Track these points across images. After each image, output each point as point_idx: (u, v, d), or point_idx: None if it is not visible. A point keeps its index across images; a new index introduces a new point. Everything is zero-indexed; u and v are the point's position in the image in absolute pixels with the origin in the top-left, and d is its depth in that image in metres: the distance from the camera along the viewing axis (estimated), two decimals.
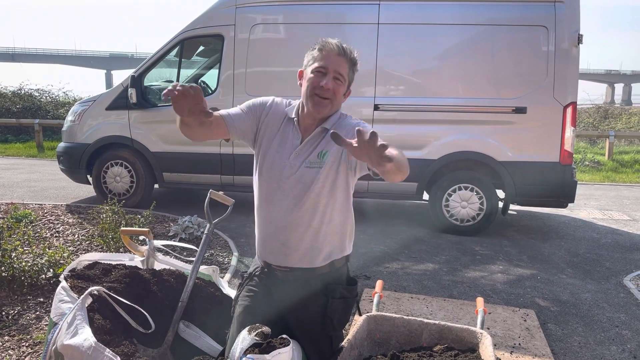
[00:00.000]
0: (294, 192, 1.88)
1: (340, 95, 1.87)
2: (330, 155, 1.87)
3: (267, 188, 1.93)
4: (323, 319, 1.94)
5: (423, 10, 5.62)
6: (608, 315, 3.75)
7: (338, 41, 1.86)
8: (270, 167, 1.91)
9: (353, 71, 1.90)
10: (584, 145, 14.09)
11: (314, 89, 1.82)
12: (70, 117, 6.61)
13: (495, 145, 5.56)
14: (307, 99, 1.85)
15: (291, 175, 1.88)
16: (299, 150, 1.90)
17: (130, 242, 2.70)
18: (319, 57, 1.84)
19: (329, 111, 1.87)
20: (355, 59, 1.89)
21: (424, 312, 3.56)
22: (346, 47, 1.85)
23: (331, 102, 1.84)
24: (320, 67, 1.83)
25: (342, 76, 1.84)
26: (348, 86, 1.91)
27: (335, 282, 1.98)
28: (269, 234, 1.96)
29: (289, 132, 1.93)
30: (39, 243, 4.57)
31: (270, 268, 1.99)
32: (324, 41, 1.86)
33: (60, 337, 1.85)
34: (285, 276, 1.97)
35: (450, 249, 5.20)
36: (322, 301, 1.95)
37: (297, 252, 1.92)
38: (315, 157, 1.88)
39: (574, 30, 5.35)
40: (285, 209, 1.90)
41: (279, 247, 1.94)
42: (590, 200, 7.94)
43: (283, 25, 5.97)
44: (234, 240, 5.13)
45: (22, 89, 15.96)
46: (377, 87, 5.69)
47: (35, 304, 3.39)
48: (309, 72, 1.85)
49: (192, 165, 6.21)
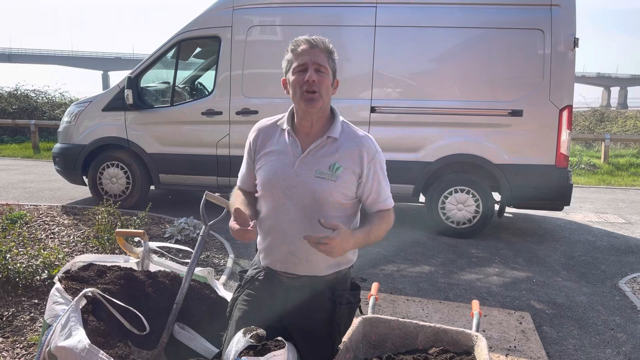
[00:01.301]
0: (305, 202, 1.86)
1: (328, 86, 1.85)
2: (345, 171, 1.86)
3: (272, 199, 1.91)
4: (329, 325, 1.94)
5: (420, 12, 5.63)
6: (603, 318, 3.76)
7: (307, 36, 1.85)
8: (273, 178, 1.89)
9: (332, 59, 1.87)
10: (580, 148, 14.15)
11: (301, 87, 1.81)
12: (67, 118, 6.60)
13: (491, 147, 5.57)
14: (298, 100, 1.84)
15: (299, 184, 1.86)
16: (304, 158, 1.87)
17: (125, 243, 2.69)
18: (294, 57, 1.84)
19: (322, 104, 1.84)
20: (330, 48, 1.86)
21: (420, 315, 3.56)
22: (317, 39, 1.83)
23: (320, 95, 1.82)
24: (298, 65, 1.82)
25: (322, 67, 1.82)
26: (334, 76, 1.88)
27: (341, 288, 1.98)
28: (276, 243, 1.94)
29: (286, 142, 1.92)
30: (34, 244, 4.56)
31: (276, 274, 1.97)
32: (293, 41, 1.86)
33: (54, 338, 1.84)
34: (292, 282, 1.95)
35: (446, 252, 5.21)
36: (329, 307, 1.94)
37: (307, 262, 1.90)
38: (327, 169, 1.86)
39: (570, 33, 5.37)
40: (295, 219, 1.88)
41: (287, 256, 1.92)
42: (585, 203, 7.96)
43: (280, 27, 5.97)
44: (230, 242, 5.12)
45: (18, 89, 15.92)
46: (373, 90, 5.69)
47: (29, 306, 3.37)
48: (290, 75, 1.85)
49: (188, 167, 6.20)
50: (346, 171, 1.86)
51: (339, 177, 1.85)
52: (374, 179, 1.90)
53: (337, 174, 1.85)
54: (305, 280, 1.94)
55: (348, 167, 1.86)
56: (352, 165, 1.87)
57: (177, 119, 6.17)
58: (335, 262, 1.94)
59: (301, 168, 1.87)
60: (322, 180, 1.85)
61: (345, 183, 1.86)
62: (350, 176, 1.87)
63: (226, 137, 5.98)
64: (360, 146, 1.89)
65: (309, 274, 1.93)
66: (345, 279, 2.02)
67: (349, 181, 1.87)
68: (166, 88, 6.75)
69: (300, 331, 1.94)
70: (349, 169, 1.87)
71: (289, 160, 1.89)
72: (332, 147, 1.88)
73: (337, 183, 1.85)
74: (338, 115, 1.94)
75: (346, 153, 1.87)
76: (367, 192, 1.91)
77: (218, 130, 6.03)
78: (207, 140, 6.06)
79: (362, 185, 1.90)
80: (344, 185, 1.86)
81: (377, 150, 1.93)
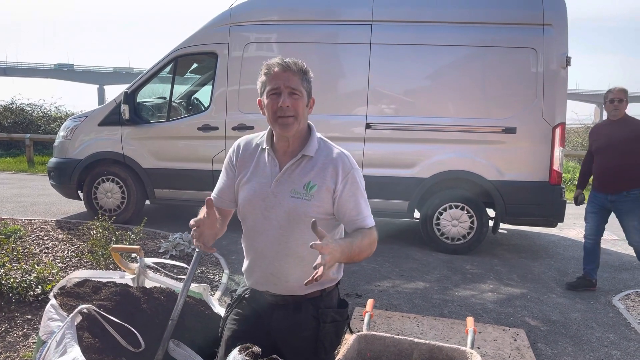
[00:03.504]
0: (281, 223, 1.85)
1: (303, 108, 1.84)
2: (319, 190, 1.85)
3: (252, 219, 1.92)
4: (315, 343, 1.93)
5: (415, 31, 5.70)
6: (597, 335, 3.77)
7: (279, 59, 1.83)
8: (252, 198, 1.89)
9: (307, 80, 1.85)
10: (573, 165, 14.24)
11: (275, 112, 1.80)
12: (62, 132, 6.60)
13: (485, 164, 5.61)
14: (273, 124, 1.84)
15: (276, 204, 1.86)
16: (280, 177, 1.87)
17: (121, 259, 2.68)
18: (267, 80, 1.82)
19: (297, 127, 1.84)
20: (304, 68, 1.84)
21: (415, 331, 3.56)
22: (289, 61, 1.81)
23: (295, 119, 1.81)
24: (271, 89, 1.81)
25: (296, 90, 1.81)
26: (308, 96, 1.87)
27: (326, 306, 1.96)
28: (257, 263, 1.94)
29: (265, 161, 1.91)
30: (27, 259, 4.53)
31: (260, 293, 1.97)
32: (266, 64, 1.83)
33: (49, 355, 1.83)
34: (275, 301, 1.95)
35: (440, 268, 5.22)
36: (313, 325, 1.93)
37: (287, 283, 1.90)
38: (302, 188, 1.85)
39: (562, 52, 5.46)
40: (272, 240, 1.88)
41: (268, 276, 1.92)
42: (579, 220, 7.99)
43: (276, 44, 6.03)
44: (224, 258, 5.11)
45: (13, 103, 15.90)
46: (369, 106, 5.74)
47: (22, 321, 3.35)
48: (264, 98, 1.84)
49: (183, 182, 6.20)
50: (320, 189, 1.85)
51: (313, 197, 1.84)
52: (349, 196, 1.87)
53: (312, 192, 1.84)
54: (288, 299, 1.93)
55: (323, 184, 1.85)
56: (327, 182, 1.85)
57: (174, 134, 6.20)
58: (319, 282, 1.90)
59: (278, 188, 1.87)
60: (296, 199, 1.84)
61: (320, 201, 1.85)
62: (325, 194, 1.85)
63: (222, 152, 6.00)
64: (336, 163, 1.87)
65: (291, 294, 1.93)
66: (331, 297, 2.00)
67: (324, 199, 1.86)
68: (162, 103, 6.78)
69: (290, 350, 1.94)
70: (323, 187, 1.85)
71: (266, 180, 1.89)
72: (307, 166, 1.88)
73: (312, 202, 1.84)
74: (314, 132, 1.93)
75: (321, 171, 1.86)
76: (342, 210, 1.87)
77: (214, 146, 6.05)
78: (203, 155, 6.08)
79: (337, 202, 1.86)
80: (319, 204, 1.85)
81: (353, 167, 1.89)
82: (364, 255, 1.84)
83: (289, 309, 1.94)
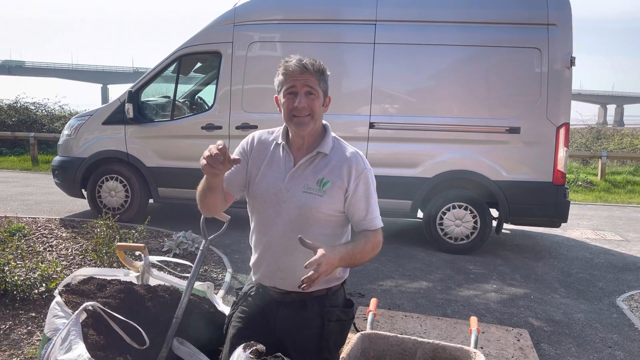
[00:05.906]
0: (292, 217, 1.87)
1: (319, 107, 1.86)
2: (332, 186, 1.87)
3: (263, 213, 1.93)
4: (319, 341, 1.93)
5: (418, 30, 5.70)
6: (601, 336, 3.76)
7: (298, 58, 1.84)
8: (265, 192, 1.91)
9: (324, 80, 1.87)
10: (577, 166, 14.20)
11: (291, 111, 1.83)
12: (67, 131, 6.62)
13: (489, 164, 5.61)
14: (289, 122, 1.87)
15: (288, 199, 1.87)
16: (293, 172, 1.89)
17: (125, 257, 2.69)
18: (285, 80, 1.84)
19: (313, 126, 1.86)
20: (322, 68, 1.86)
21: (418, 331, 3.56)
22: (307, 62, 1.83)
23: (311, 118, 1.84)
24: (288, 88, 1.83)
25: (313, 90, 1.83)
26: (325, 96, 1.89)
27: (331, 305, 1.97)
28: (265, 258, 1.95)
29: (279, 156, 1.93)
30: (32, 257, 4.55)
31: (266, 289, 1.98)
32: (284, 63, 1.85)
33: (54, 352, 1.84)
34: (281, 298, 1.96)
35: (444, 268, 5.21)
36: (318, 323, 1.94)
37: (293, 278, 1.89)
38: (315, 184, 1.87)
39: (567, 52, 5.44)
40: (282, 234, 1.89)
41: (275, 271, 1.93)
42: (583, 220, 7.98)
43: (280, 44, 6.04)
44: (228, 257, 5.12)
45: (18, 102, 15.96)
46: (372, 106, 5.74)
47: (27, 319, 3.36)
48: (281, 97, 1.87)
49: (187, 180, 6.19)
50: (334, 186, 1.87)
51: (326, 193, 1.86)
52: (361, 196, 1.90)
53: (325, 189, 1.87)
54: (294, 296, 1.94)
55: (336, 182, 1.87)
56: (340, 180, 1.87)
57: (177, 133, 6.21)
58: (325, 279, 1.93)
59: (290, 183, 1.89)
60: (309, 195, 1.86)
61: (332, 198, 1.87)
62: (338, 191, 1.88)
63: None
64: (350, 162, 1.90)
65: (297, 290, 1.94)
66: (336, 295, 2.01)
67: (336, 196, 1.88)
68: (166, 102, 6.80)
69: (295, 347, 1.94)
70: (336, 185, 1.87)
71: (280, 175, 1.91)
72: (321, 163, 1.90)
73: (324, 198, 1.86)
74: (330, 131, 1.96)
75: (335, 169, 1.89)
76: (353, 209, 1.90)
77: None
78: None
79: (348, 200, 1.89)
80: (331, 201, 1.87)
81: (366, 167, 1.92)
82: (367, 259, 1.88)
83: (295, 307, 1.95)
